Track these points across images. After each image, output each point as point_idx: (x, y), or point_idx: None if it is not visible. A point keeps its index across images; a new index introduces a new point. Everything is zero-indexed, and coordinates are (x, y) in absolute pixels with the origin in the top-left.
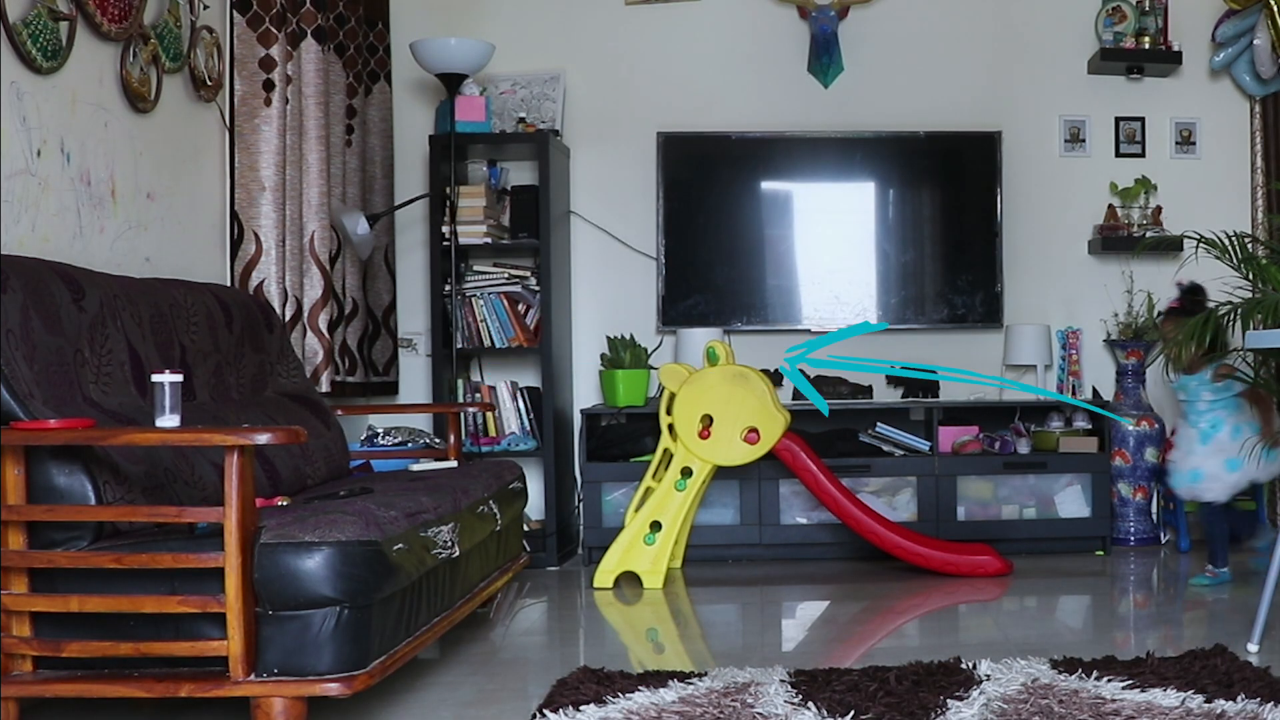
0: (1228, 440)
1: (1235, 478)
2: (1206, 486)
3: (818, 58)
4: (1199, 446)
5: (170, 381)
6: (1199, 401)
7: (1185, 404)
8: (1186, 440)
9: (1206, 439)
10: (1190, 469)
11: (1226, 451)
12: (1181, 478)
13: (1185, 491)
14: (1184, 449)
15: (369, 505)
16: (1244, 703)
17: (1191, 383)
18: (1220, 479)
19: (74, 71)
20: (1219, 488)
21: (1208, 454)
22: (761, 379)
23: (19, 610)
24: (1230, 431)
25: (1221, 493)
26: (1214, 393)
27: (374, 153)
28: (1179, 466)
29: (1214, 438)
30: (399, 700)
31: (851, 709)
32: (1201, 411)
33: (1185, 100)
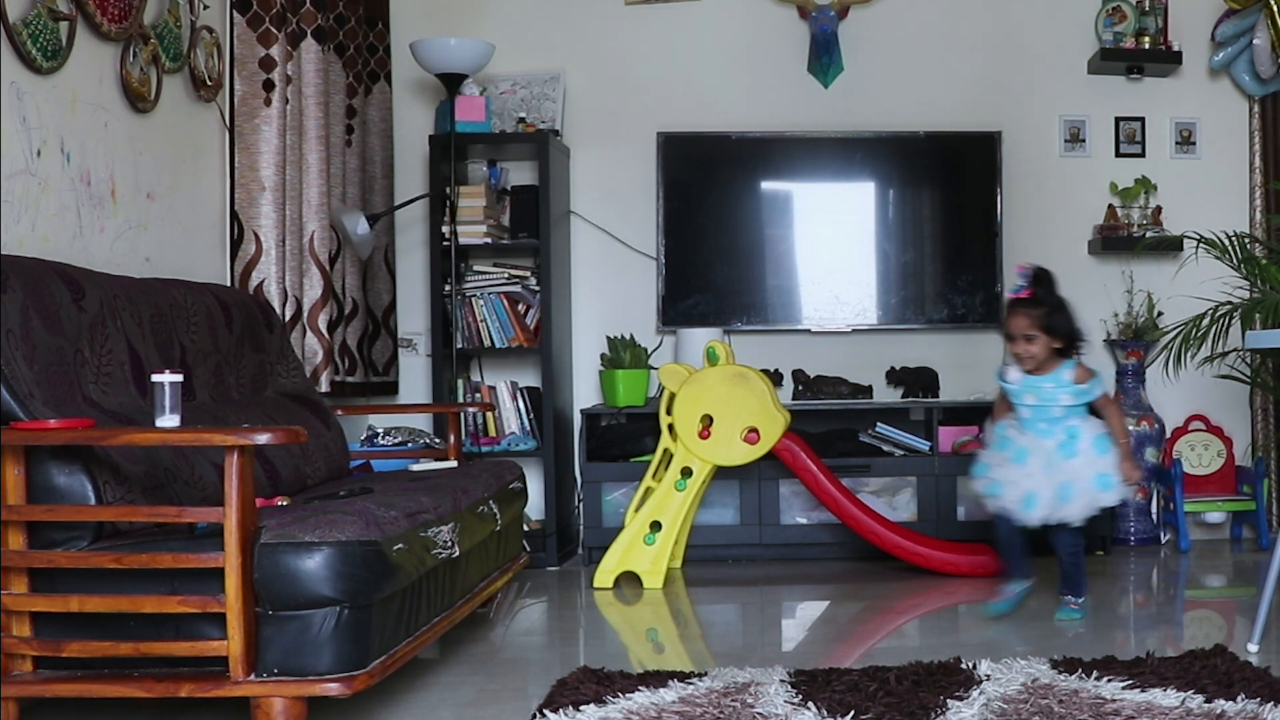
0: (1092, 451)
1: (1107, 497)
2: (1071, 508)
3: (818, 58)
4: (1062, 461)
5: (170, 381)
6: (1053, 407)
7: (1032, 409)
8: (1034, 454)
9: (1069, 452)
10: (1030, 489)
11: (1095, 465)
12: (1034, 499)
13: (1039, 514)
14: (1028, 466)
15: (369, 505)
16: (1244, 703)
17: (1044, 384)
18: (1089, 497)
19: (74, 71)
20: (1081, 507)
21: (1073, 469)
22: (761, 379)
23: (19, 610)
24: (1093, 442)
25: (1084, 513)
26: (1074, 396)
27: (374, 153)
28: (1023, 486)
29: (1077, 450)
30: (399, 700)
31: (851, 709)
32: (1056, 419)
33: (1185, 100)
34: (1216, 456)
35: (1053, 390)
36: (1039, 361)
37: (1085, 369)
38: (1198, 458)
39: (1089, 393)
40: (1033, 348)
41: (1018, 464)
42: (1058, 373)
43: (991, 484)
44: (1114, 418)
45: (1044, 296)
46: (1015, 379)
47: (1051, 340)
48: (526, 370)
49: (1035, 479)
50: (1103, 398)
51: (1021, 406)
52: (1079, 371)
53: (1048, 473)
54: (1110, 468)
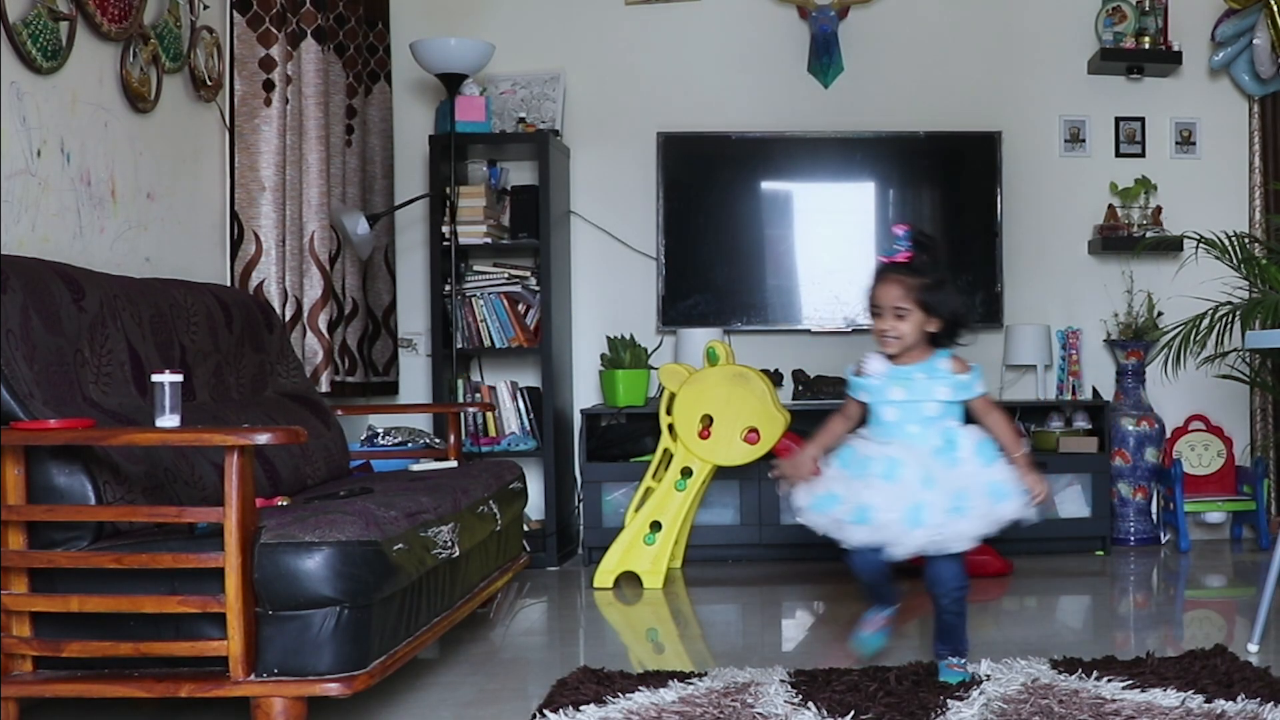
0: (976, 459)
1: (1008, 508)
2: (965, 524)
3: (818, 58)
4: (943, 471)
5: (170, 381)
6: (926, 403)
7: (900, 408)
8: (908, 465)
9: (949, 459)
10: (912, 504)
11: (985, 475)
12: (922, 513)
13: (922, 535)
14: (903, 480)
15: (369, 505)
16: (1244, 703)
17: (916, 374)
18: (986, 511)
19: (74, 71)
20: (979, 523)
21: (962, 478)
22: (761, 379)
23: (19, 610)
24: (976, 448)
25: (980, 532)
26: (952, 390)
27: (374, 153)
28: (902, 502)
29: (958, 457)
30: (399, 700)
31: (851, 709)
32: (931, 419)
33: (1185, 100)
34: (1216, 456)
35: (926, 382)
36: (906, 346)
37: (961, 361)
38: (1198, 458)
39: (969, 387)
40: (902, 326)
41: (888, 481)
42: (930, 362)
43: (856, 510)
44: (1001, 423)
45: (925, 265)
46: (877, 370)
47: (927, 320)
48: (526, 370)
49: (917, 493)
50: (984, 399)
51: (884, 406)
52: (955, 363)
53: (929, 486)
54: (1003, 477)
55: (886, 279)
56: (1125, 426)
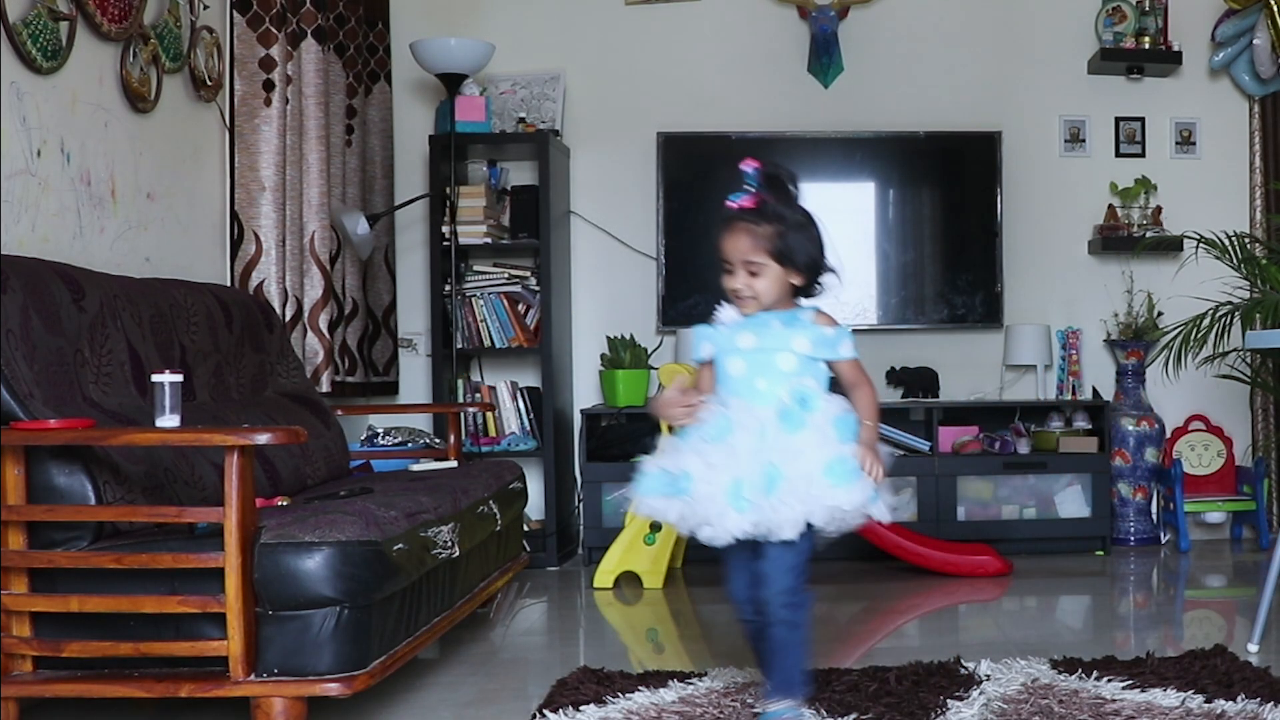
0: (829, 429)
1: (842, 495)
2: (783, 510)
3: (818, 58)
4: (781, 437)
5: (170, 381)
6: (780, 354)
7: (749, 359)
8: (742, 428)
9: (793, 423)
10: (736, 477)
11: (827, 450)
12: (741, 490)
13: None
14: (731, 442)
15: (369, 505)
16: (1244, 703)
17: (773, 320)
18: (811, 493)
19: (74, 71)
20: (799, 509)
21: (792, 449)
22: None
23: (19, 610)
24: (834, 420)
25: (801, 520)
26: (814, 344)
27: (374, 153)
28: (723, 473)
29: (804, 421)
30: (399, 700)
31: (851, 709)
32: (783, 375)
33: (1185, 100)
34: (1216, 456)
35: (782, 330)
36: (765, 305)
37: (828, 316)
38: (1198, 458)
39: (833, 344)
40: (758, 283)
41: (715, 442)
42: (792, 311)
43: (671, 480)
44: (866, 396)
45: (778, 208)
46: (728, 317)
47: (787, 272)
48: (526, 370)
49: (741, 461)
50: (854, 365)
51: (731, 358)
52: (821, 316)
53: (758, 455)
54: (848, 454)
55: (734, 228)
56: (1125, 426)
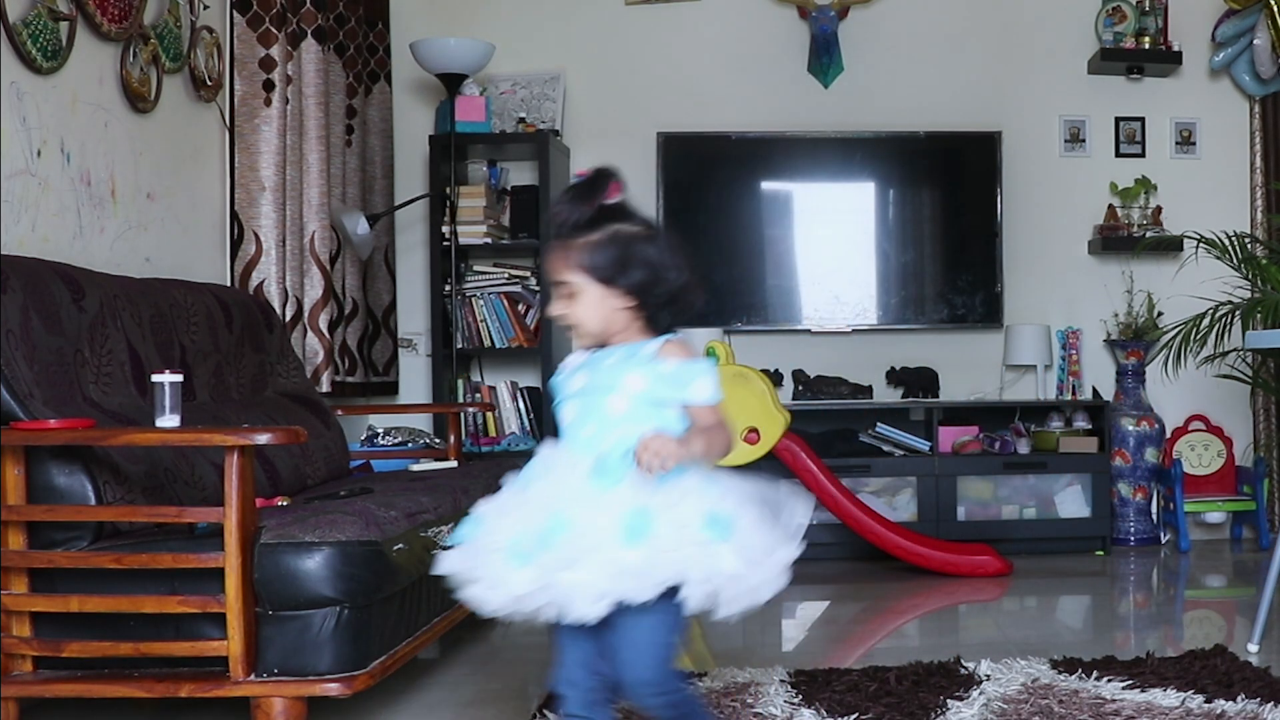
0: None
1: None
2: (566, 582)
3: (818, 58)
4: (590, 494)
5: (170, 381)
6: (610, 396)
7: (580, 403)
8: (548, 476)
9: (609, 477)
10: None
11: (631, 501)
12: (488, 547)
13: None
14: (529, 492)
15: (369, 505)
16: (1244, 703)
17: (609, 358)
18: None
19: (74, 71)
20: (588, 579)
21: (596, 506)
22: (762, 379)
23: (19, 610)
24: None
25: (593, 595)
26: (653, 381)
27: (374, 153)
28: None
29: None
30: (399, 700)
31: (851, 709)
32: (612, 421)
33: (1185, 100)
34: (1216, 456)
35: (615, 369)
36: (595, 334)
37: (686, 347)
38: (1198, 458)
39: (680, 381)
40: (576, 308)
41: (518, 489)
42: (636, 345)
43: (463, 526)
44: (709, 435)
45: (595, 216)
46: (571, 363)
47: (610, 293)
48: (526, 370)
49: (529, 512)
50: (712, 410)
51: (565, 403)
52: (674, 347)
53: (549, 506)
54: (644, 503)
55: (552, 248)
56: (1125, 426)
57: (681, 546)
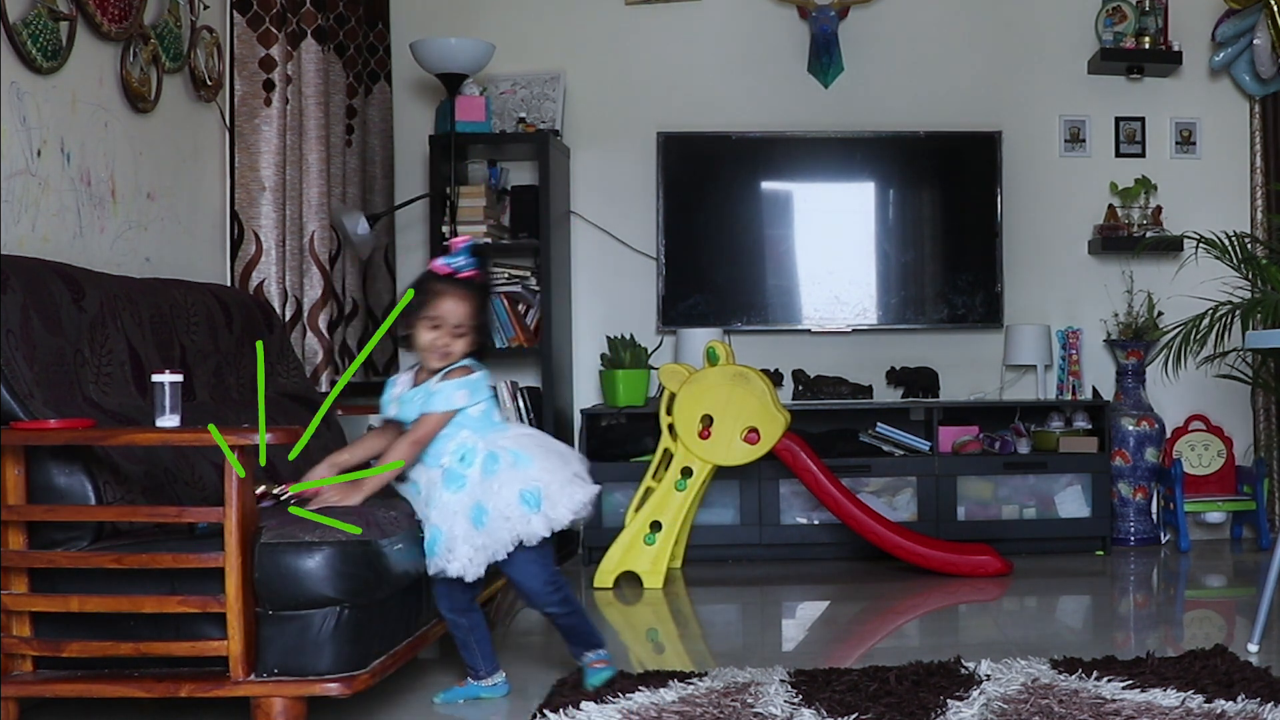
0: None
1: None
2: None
3: (818, 58)
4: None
5: (170, 381)
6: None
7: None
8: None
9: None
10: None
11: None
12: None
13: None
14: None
15: (369, 505)
16: (1244, 703)
17: (416, 396)
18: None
19: (74, 71)
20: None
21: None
22: (762, 379)
23: (19, 610)
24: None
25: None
26: (423, 401)
27: (374, 153)
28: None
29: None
30: (399, 700)
31: (851, 709)
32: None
33: (1185, 100)
34: (1216, 456)
35: (415, 403)
36: (452, 362)
37: (465, 370)
38: (1198, 458)
39: (431, 396)
40: (457, 345)
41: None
42: (439, 375)
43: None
44: (399, 445)
45: (487, 284)
46: (391, 399)
47: (474, 341)
48: (526, 370)
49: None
50: (432, 417)
51: (405, 422)
52: (454, 372)
53: (439, 510)
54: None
55: (458, 295)
56: (1125, 426)
57: (509, 522)
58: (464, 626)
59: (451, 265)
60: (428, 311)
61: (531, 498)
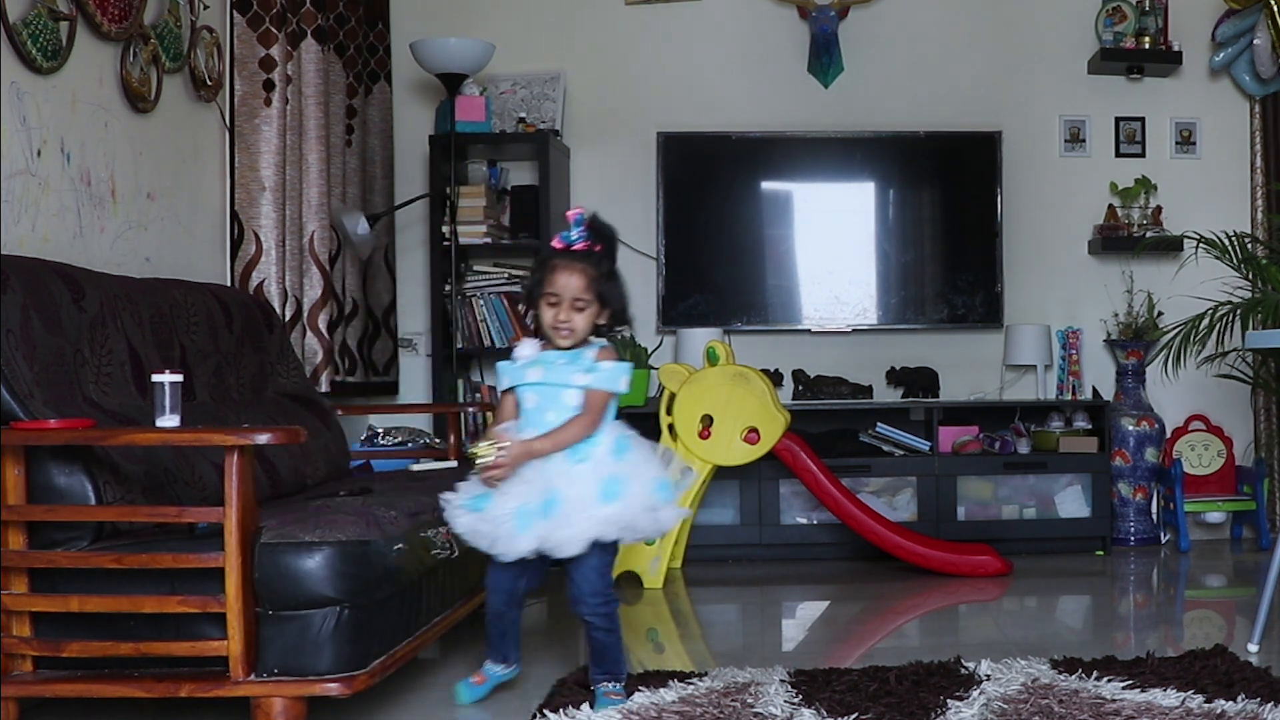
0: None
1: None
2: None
3: (818, 58)
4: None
5: (170, 381)
6: (565, 390)
7: (539, 393)
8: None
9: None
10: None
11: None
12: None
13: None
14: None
15: (369, 505)
16: (1244, 703)
17: (560, 358)
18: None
19: (74, 71)
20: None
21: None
22: (761, 379)
23: (19, 610)
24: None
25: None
26: (590, 377)
27: (374, 153)
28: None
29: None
30: (399, 700)
31: (851, 709)
32: (571, 408)
33: (1185, 100)
34: (1216, 456)
35: (566, 366)
36: (578, 339)
37: (613, 351)
38: (1198, 458)
39: (603, 376)
40: (579, 319)
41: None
42: (581, 350)
43: (472, 500)
44: (579, 422)
45: (604, 255)
46: (526, 354)
47: (600, 313)
48: None
49: (526, 489)
50: (601, 395)
51: (525, 390)
52: (604, 352)
53: (539, 483)
54: (623, 474)
55: (570, 268)
56: (1125, 426)
57: (644, 503)
58: (513, 620)
59: (564, 239)
60: (546, 289)
61: (666, 490)
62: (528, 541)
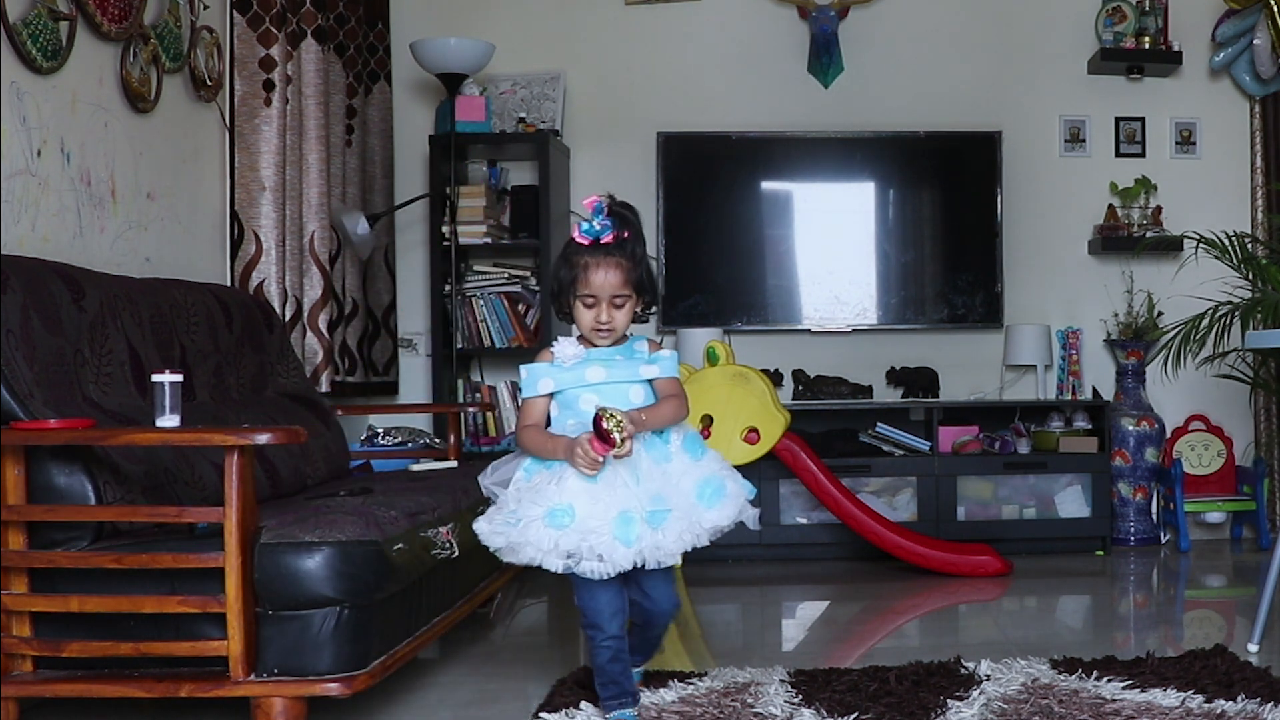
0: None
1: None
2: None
3: (818, 58)
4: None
5: (170, 381)
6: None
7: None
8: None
9: (662, 453)
10: (623, 508)
11: (695, 471)
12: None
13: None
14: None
15: (369, 505)
16: (1244, 703)
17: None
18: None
19: (74, 71)
20: (682, 534)
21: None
22: (762, 379)
23: (19, 610)
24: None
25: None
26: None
27: (374, 153)
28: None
29: (669, 452)
30: (399, 700)
31: (851, 709)
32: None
33: (1185, 100)
34: (1216, 456)
35: (627, 363)
36: (619, 334)
37: (655, 342)
38: (1198, 458)
39: (669, 365)
40: (620, 315)
41: (590, 480)
42: (629, 344)
43: (553, 513)
44: (672, 404)
45: (635, 241)
46: (570, 353)
47: (637, 303)
48: None
49: (626, 492)
50: (674, 381)
51: (581, 392)
52: (649, 344)
53: (637, 483)
54: (713, 473)
55: (605, 264)
56: (1125, 426)
57: (739, 506)
58: (625, 648)
59: (589, 233)
60: (580, 290)
61: (751, 489)
62: (630, 554)
